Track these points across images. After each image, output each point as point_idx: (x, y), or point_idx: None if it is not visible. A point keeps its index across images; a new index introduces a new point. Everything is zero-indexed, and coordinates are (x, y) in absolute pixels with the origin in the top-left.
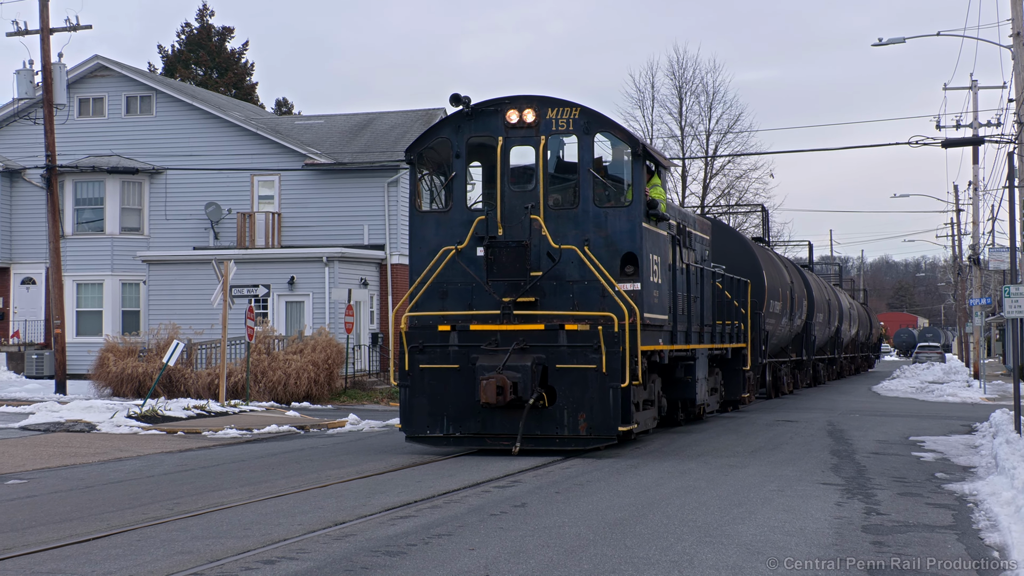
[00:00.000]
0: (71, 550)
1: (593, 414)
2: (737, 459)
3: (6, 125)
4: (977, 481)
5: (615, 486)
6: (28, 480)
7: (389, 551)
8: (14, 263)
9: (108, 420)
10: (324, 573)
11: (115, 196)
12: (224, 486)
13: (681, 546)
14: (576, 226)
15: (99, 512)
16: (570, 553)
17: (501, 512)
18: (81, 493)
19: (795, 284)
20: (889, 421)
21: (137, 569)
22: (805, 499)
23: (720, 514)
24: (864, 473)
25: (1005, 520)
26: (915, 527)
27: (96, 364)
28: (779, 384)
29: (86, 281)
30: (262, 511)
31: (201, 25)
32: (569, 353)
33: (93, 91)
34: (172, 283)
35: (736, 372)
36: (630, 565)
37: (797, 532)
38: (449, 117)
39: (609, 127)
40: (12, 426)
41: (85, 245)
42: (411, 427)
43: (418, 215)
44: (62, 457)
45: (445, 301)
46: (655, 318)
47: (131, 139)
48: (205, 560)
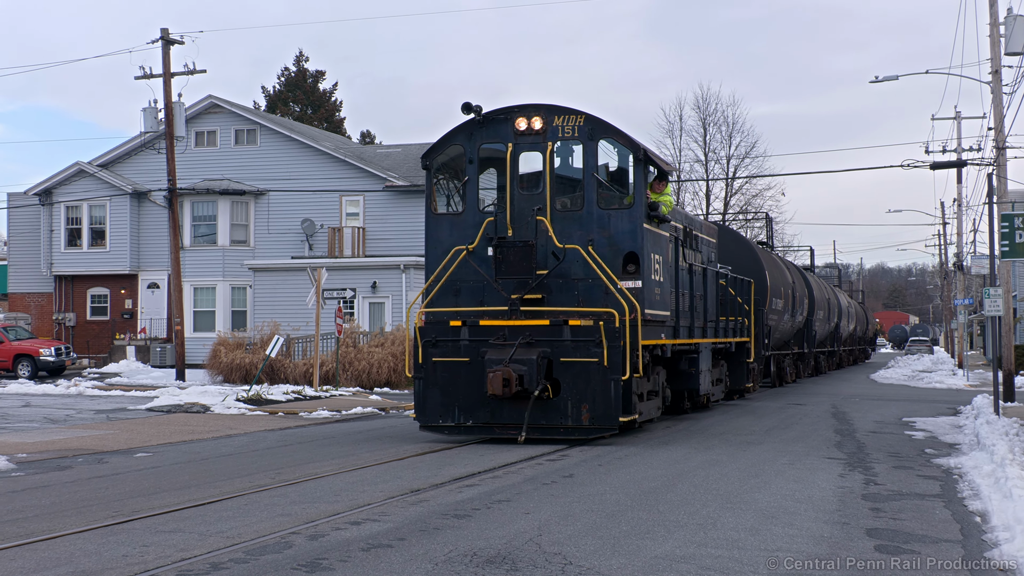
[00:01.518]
0: (189, 512)
1: (595, 405)
2: (753, 437)
3: (134, 154)
4: (961, 456)
5: (649, 460)
6: (153, 454)
7: (457, 514)
8: (141, 271)
9: (220, 403)
10: (402, 533)
11: (225, 214)
12: (317, 459)
13: (706, 511)
14: (581, 227)
15: (213, 480)
16: (611, 516)
17: (552, 482)
18: (197, 464)
19: (797, 284)
20: (885, 405)
21: (244, 529)
22: (812, 471)
23: (739, 484)
24: (863, 449)
25: (986, 490)
26: (908, 496)
27: (209, 355)
28: (783, 374)
29: (201, 286)
30: (349, 480)
31: (298, 69)
32: (573, 347)
33: (207, 125)
34: (273, 287)
35: (740, 364)
36: (662, 527)
37: (806, 500)
38: (462, 125)
39: (612, 133)
40: (140, 408)
41: (200, 255)
42: (424, 416)
43: (433, 217)
44: (181, 434)
45: (458, 298)
46: (657, 314)
47: (239, 166)
48: (302, 521)
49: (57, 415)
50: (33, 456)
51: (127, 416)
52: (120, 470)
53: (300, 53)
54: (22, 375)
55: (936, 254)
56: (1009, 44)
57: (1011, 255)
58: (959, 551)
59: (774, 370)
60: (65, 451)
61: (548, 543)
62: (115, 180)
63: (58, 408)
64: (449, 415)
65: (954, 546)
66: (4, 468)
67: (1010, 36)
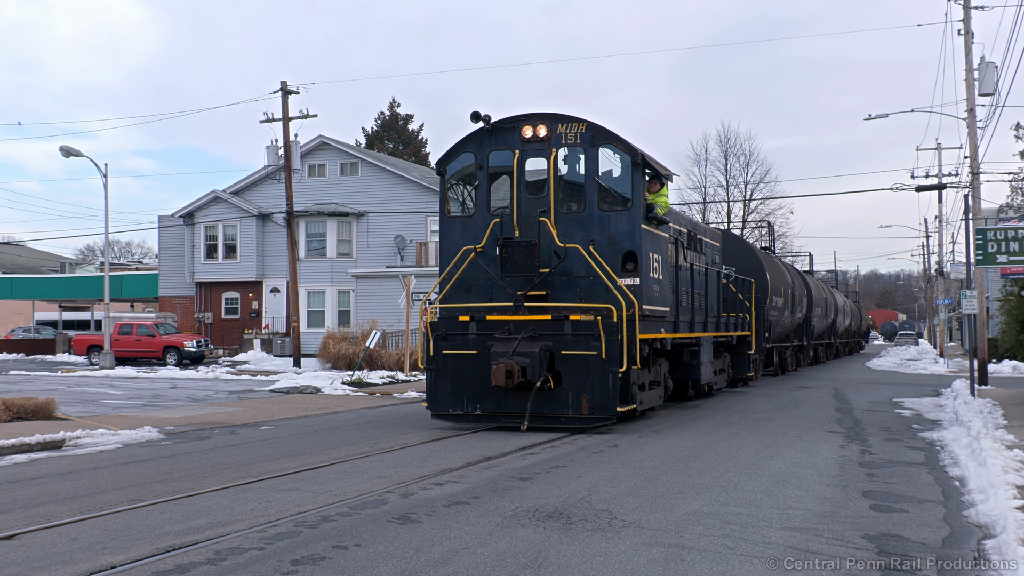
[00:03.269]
0: (303, 475)
1: (594, 395)
2: (767, 414)
3: (259, 184)
4: (943, 431)
5: (681, 433)
6: (274, 427)
7: (521, 477)
8: (265, 278)
9: (328, 385)
10: (477, 492)
11: (333, 232)
12: (408, 431)
13: (728, 476)
14: (583, 228)
15: (323, 449)
16: (649, 479)
17: (600, 451)
18: (310, 436)
19: (796, 284)
20: (877, 388)
21: (348, 488)
22: (817, 443)
23: (756, 453)
24: (860, 425)
25: (963, 459)
26: (897, 463)
27: (320, 347)
28: (784, 364)
29: (313, 290)
30: (434, 449)
31: (391, 113)
32: (573, 341)
33: (318, 160)
34: (371, 291)
35: (742, 355)
36: (691, 488)
37: (811, 466)
38: (473, 133)
39: (612, 140)
40: (264, 389)
41: (312, 265)
42: (436, 405)
43: (447, 220)
44: (297, 411)
45: (469, 295)
46: (655, 309)
47: (344, 192)
48: (395, 482)
49: (198, 395)
50: (179, 428)
51: (254, 396)
52: (248, 440)
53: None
54: (170, 363)
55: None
56: (981, 87)
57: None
58: (941, 510)
59: (776, 360)
60: (204, 424)
61: (597, 501)
62: (244, 204)
63: (198, 389)
64: (459, 404)
65: (937, 506)
66: (156, 438)
67: (982, 80)
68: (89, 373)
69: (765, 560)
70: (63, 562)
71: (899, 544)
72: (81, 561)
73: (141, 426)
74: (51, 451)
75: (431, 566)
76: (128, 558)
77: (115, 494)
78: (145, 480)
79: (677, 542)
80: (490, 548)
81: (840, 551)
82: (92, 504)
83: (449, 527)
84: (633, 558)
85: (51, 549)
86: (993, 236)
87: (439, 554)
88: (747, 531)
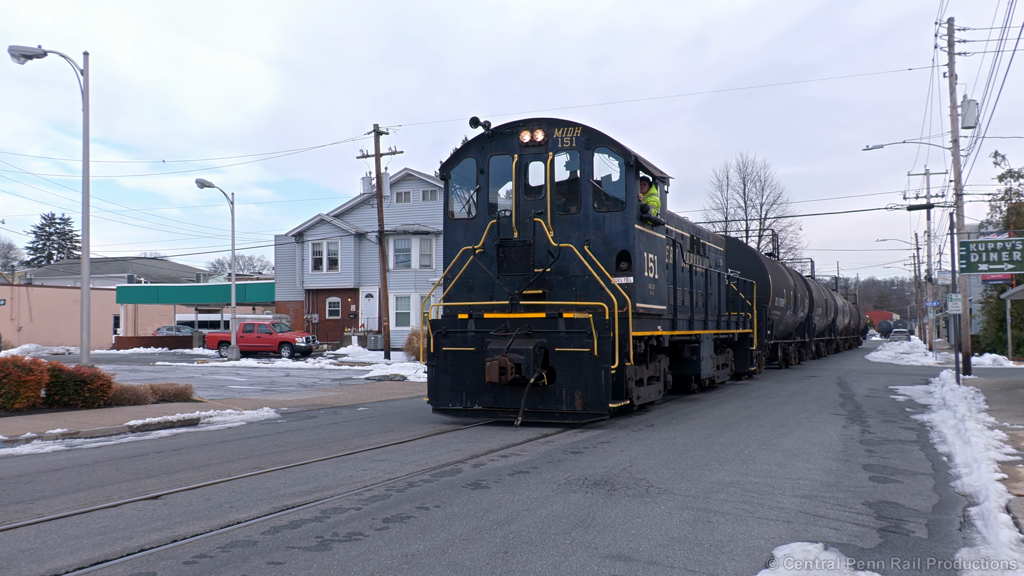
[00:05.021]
0: (392, 448)
1: (587, 392)
2: (781, 399)
3: (356, 208)
4: (932, 413)
5: (707, 414)
6: (369, 408)
7: (573, 451)
8: (361, 285)
9: (413, 374)
10: (536, 463)
11: (416, 247)
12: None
13: (747, 451)
14: (578, 228)
15: (409, 427)
16: (680, 453)
17: (639, 430)
18: (398, 416)
19: (798, 287)
20: (875, 377)
21: (430, 459)
22: (824, 423)
23: (771, 432)
24: (860, 408)
25: (951, 438)
26: (893, 441)
27: (406, 342)
28: (788, 358)
29: (400, 295)
30: (502, 428)
31: None
32: (567, 338)
33: (404, 188)
34: None
35: (745, 351)
36: (716, 461)
37: (818, 443)
38: (475, 139)
39: (606, 143)
40: (360, 377)
41: (400, 275)
42: (436, 400)
43: (451, 222)
44: (387, 395)
45: (471, 293)
46: (650, 307)
47: (425, 214)
48: (468, 455)
49: (306, 382)
50: (292, 409)
51: (352, 383)
52: (347, 419)
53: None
54: (284, 355)
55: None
56: (964, 121)
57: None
58: (931, 481)
59: (781, 355)
60: (311, 406)
61: (636, 471)
62: (343, 225)
63: (307, 377)
64: (458, 399)
65: (927, 478)
66: (272, 417)
67: (965, 115)
68: (219, 364)
69: (779, 522)
70: (198, 518)
71: (895, 510)
72: (213, 517)
73: (261, 407)
74: (189, 427)
75: (498, 524)
76: (251, 515)
77: (240, 463)
78: (264, 452)
79: (704, 506)
80: (547, 510)
81: (844, 515)
82: (221, 471)
83: (513, 492)
84: (667, 519)
85: (189, 507)
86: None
87: (504, 514)
88: (764, 498)
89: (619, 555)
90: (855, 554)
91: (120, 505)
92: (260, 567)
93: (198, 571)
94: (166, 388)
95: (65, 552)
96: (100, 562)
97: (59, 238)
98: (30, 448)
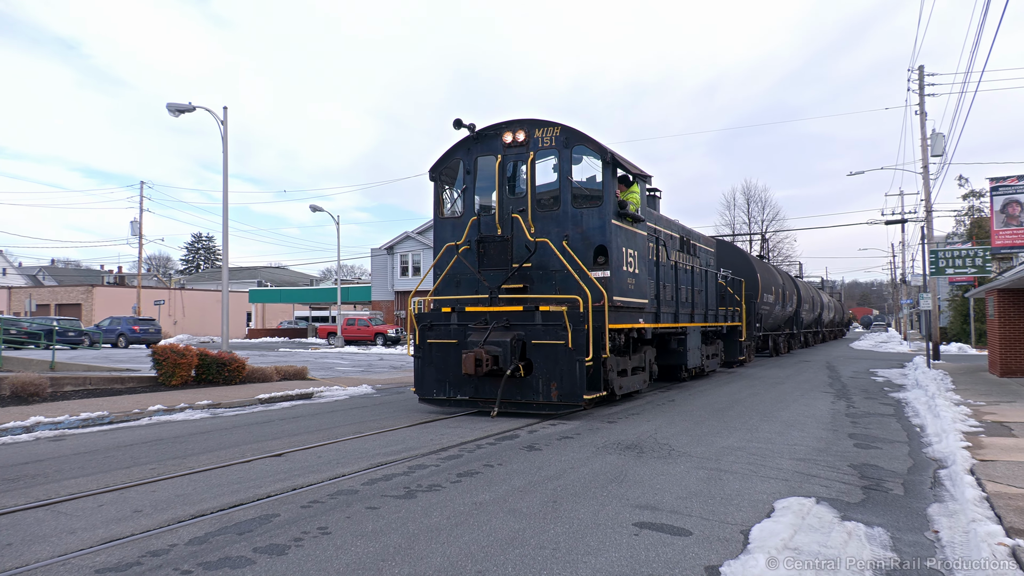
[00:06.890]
0: (464, 418)
1: (563, 383)
2: (779, 379)
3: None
4: (906, 392)
5: (718, 391)
6: None
7: (609, 421)
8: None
9: None
10: (578, 431)
11: None
12: None
13: (752, 422)
14: (558, 224)
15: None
16: (696, 422)
17: (662, 404)
18: None
19: (786, 284)
20: (859, 362)
21: (494, 427)
22: (815, 399)
23: (771, 406)
24: (846, 388)
25: (923, 412)
26: (874, 415)
27: None
28: (778, 348)
29: None
30: (483, 419)
31: None
32: (543, 331)
33: None
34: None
35: (734, 342)
36: (726, 430)
37: (811, 416)
38: (462, 141)
39: (584, 141)
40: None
41: None
42: (422, 390)
43: (440, 221)
44: None
45: (458, 288)
46: (629, 301)
47: None
48: (522, 425)
49: (396, 364)
50: (384, 386)
51: None
52: None
53: None
54: (378, 344)
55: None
56: (933, 150)
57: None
58: (906, 448)
59: (771, 345)
60: (400, 384)
61: (660, 437)
62: (425, 240)
63: (396, 361)
64: (442, 390)
65: (903, 445)
66: (370, 392)
67: (934, 145)
68: (328, 350)
69: (779, 480)
70: (312, 471)
71: (875, 471)
72: (323, 471)
73: (360, 384)
74: (304, 400)
75: (548, 479)
76: (353, 469)
77: (344, 428)
78: (363, 420)
79: (716, 466)
80: (588, 468)
81: (832, 475)
82: (330, 435)
83: (560, 453)
84: (686, 476)
85: (304, 463)
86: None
87: (554, 471)
88: (765, 460)
89: (647, 505)
90: (842, 507)
91: (251, 461)
92: (360, 511)
93: (312, 513)
94: (287, 369)
95: (210, 497)
96: (236, 505)
97: (205, 252)
98: (183, 416)
